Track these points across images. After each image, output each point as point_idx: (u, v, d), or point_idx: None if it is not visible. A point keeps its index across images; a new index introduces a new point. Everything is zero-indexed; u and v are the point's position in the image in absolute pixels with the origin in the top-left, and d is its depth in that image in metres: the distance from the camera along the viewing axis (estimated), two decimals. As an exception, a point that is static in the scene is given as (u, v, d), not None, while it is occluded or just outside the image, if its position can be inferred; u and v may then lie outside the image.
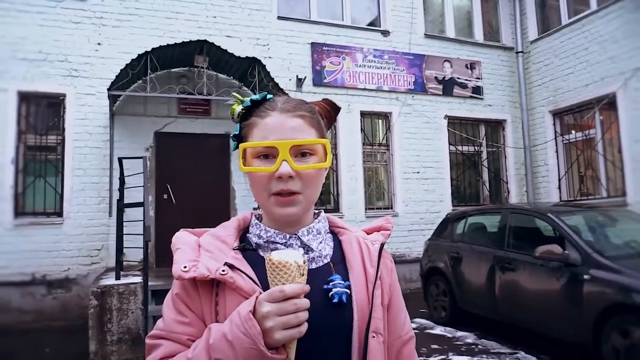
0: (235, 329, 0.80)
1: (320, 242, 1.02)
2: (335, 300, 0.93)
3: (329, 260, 1.01)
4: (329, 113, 1.09)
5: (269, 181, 0.93)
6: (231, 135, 1.05)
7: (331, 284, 0.95)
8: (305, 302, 0.81)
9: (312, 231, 1.01)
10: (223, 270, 0.89)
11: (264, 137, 0.95)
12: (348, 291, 0.95)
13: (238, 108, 1.02)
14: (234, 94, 1.07)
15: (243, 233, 1.05)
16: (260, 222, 1.03)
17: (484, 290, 5.76)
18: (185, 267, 0.91)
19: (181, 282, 0.93)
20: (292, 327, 0.80)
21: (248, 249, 0.98)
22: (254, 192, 0.99)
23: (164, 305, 0.97)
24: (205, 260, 0.93)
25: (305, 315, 0.81)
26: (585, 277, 4.46)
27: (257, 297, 0.82)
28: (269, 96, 1.03)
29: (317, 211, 1.08)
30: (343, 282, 0.96)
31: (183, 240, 1.00)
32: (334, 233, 1.09)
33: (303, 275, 0.83)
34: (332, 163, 8.83)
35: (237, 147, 1.00)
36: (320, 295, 0.93)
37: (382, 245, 1.06)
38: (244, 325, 0.79)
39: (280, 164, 0.91)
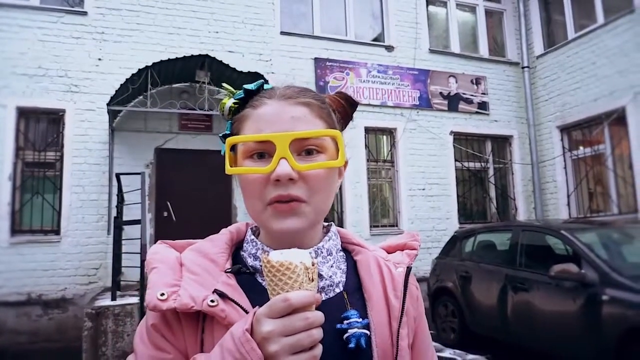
0: (228, 357, 0.61)
1: (331, 266, 0.81)
2: (352, 345, 0.73)
3: (342, 289, 0.80)
4: (343, 108, 0.87)
5: (264, 186, 0.74)
6: (220, 135, 0.85)
7: (346, 322, 0.75)
8: (319, 316, 0.62)
9: (322, 252, 0.80)
10: (212, 301, 0.70)
11: (257, 130, 0.75)
12: (368, 332, 0.75)
13: (229, 102, 0.82)
14: (224, 85, 0.86)
15: (236, 249, 0.85)
16: (256, 237, 0.83)
17: (495, 311, 5.51)
18: (162, 294, 0.71)
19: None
20: (303, 351, 0.60)
21: (243, 272, 0.78)
22: (246, 204, 0.79)
23: (135, 339, 0.77)
24: (189, 285, 0.73)
25: (319, 333, 0.62)
26: (604, 297, 4.23)
27: (255, 313, 0.63)
28: (267, 86, 0.83)
29: (326, 224, 0.87)
30: (361, 320, 0.75)
31: (160, 256, 0.80)
32: (347, 251, 0.87)
33: (313, 280, 0.65)
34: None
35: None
36: (332, 336, 0.72)
37: (408, 269, 0.84)
38: (240, 350, 0.60)
39: (277, 163, 0.72)
